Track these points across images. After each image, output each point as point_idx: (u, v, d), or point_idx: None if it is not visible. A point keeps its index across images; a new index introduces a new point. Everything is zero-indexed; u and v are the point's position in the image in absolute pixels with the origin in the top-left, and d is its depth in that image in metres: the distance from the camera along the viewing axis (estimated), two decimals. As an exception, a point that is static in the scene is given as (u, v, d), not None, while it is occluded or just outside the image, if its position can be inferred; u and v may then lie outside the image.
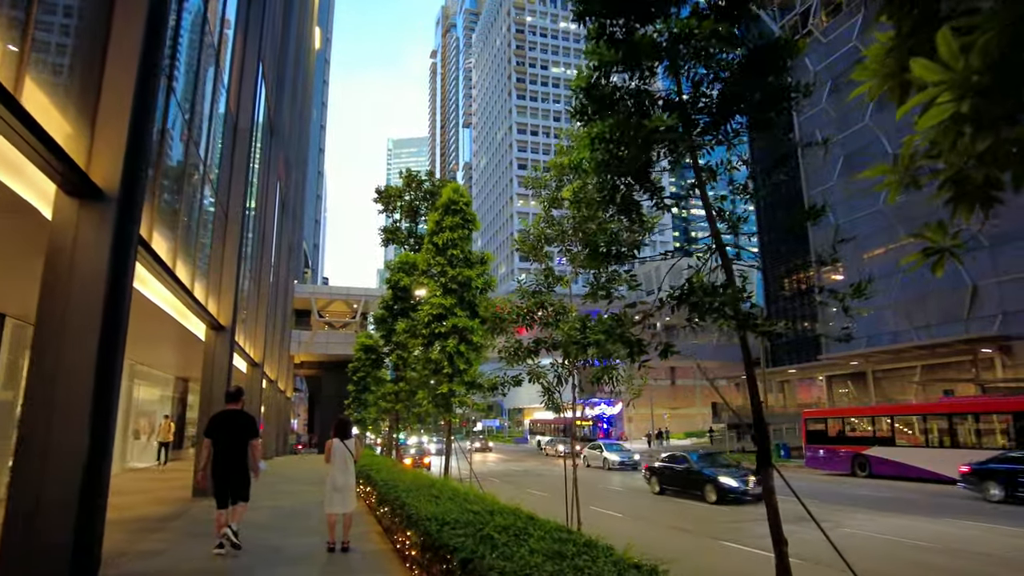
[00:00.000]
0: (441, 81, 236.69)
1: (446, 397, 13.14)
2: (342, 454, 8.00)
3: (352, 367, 35.29)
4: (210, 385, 13.45)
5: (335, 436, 8.16)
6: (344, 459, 8.03)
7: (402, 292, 19.77)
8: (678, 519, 14.63)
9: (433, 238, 14.49)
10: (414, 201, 33.86)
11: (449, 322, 13.13)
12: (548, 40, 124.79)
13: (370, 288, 52.39)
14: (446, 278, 13.81)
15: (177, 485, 14.79)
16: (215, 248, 13.45)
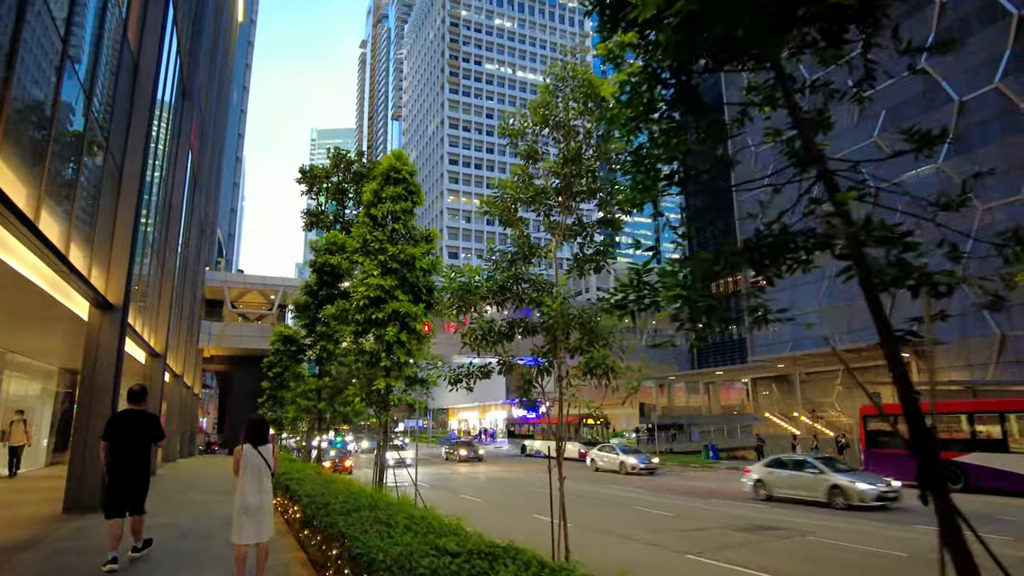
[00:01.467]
0: (370, 72, 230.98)
1: (382, 394, 11.33)
2: (256, 465, 6.09)
3: (268, 362, 32.50)
4: (92, 377, 11.10)
5: (246, 441, 6.20)
6: (258, 472, 6.12)
7: (329, 276, 17.68)
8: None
9: (370, 210, 12.63)
10: (342, 183, 31.60)
11: (389, 307, 11.32)
12: (483, 36, 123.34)
13: (288, 278, 49.16)
14: (385, 255, 11.98)
15: (43, 498, 12.23)
16: (104, 209, 11.09)
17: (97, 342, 11.21)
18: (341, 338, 12.72)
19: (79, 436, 10.86)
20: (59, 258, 8.18)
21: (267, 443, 6.19)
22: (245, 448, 6.11)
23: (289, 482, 10.19)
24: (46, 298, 10.17)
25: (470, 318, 6.97)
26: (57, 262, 8.26)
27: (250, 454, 6.10)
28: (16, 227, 6.96)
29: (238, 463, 6.07)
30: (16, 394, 19.59)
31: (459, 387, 7.06)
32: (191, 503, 12.26)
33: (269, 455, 6.18)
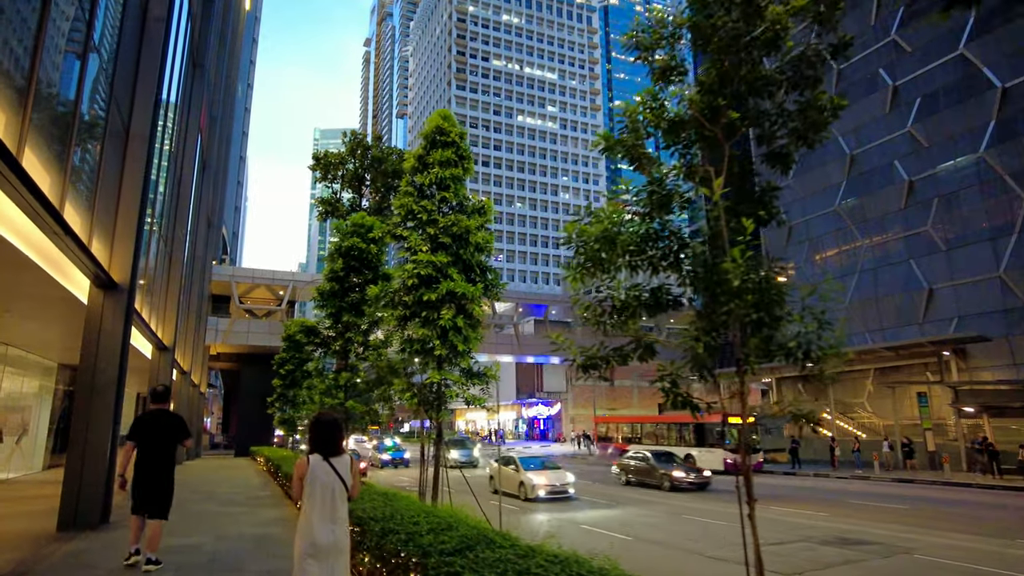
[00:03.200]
0: (375, 71, 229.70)
1: (436, 389, 9.60)
2: (327, 486, 4.22)
3: (279, 358, 30.78)
4: (92, 370, 9.37)
5: (314, 450, 4.35)
6: (331, 496, 4.22)
7: (356, 261, 15.94)
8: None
9: (415, 178, 10.91)
10: (359, 169, 29.88)
11: (443, 286, 9.59)
12: (490, 32, 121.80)
13: (298, 273, 47.48)
14: (435, 228, 10.26)
15: (36, 510, 10.51)
16: (107, 171, 9.37)
17: (99, 328, 9.49)
18: (383, 323, 10.93)
19: (76, 440, 9.14)
20: (49, 212, 6.45)
21: (342, 453, 4.40)
22: (312, 461, 4.25)
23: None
24: (38, 274, 8.46)
25: (592, 287, 5.28)
26: (47, 218, 6.53)
27: (320, 470, 4.22)
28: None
29: (301, 483, 4.23)
30: (11, 391, 17.89)
31: (589, 377, 5.34)
32: (211, 517, 10.53)
33: (347, 471, 4.31)
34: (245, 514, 10.78)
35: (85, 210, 8.48)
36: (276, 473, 17.40)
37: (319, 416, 4.45)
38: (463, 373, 9.79)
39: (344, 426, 15.82)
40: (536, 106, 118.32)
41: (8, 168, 5.21)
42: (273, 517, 10.47)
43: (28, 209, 6.19)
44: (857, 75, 44.27)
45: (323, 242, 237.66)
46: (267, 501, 12.70)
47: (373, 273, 16.33)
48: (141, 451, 6.94)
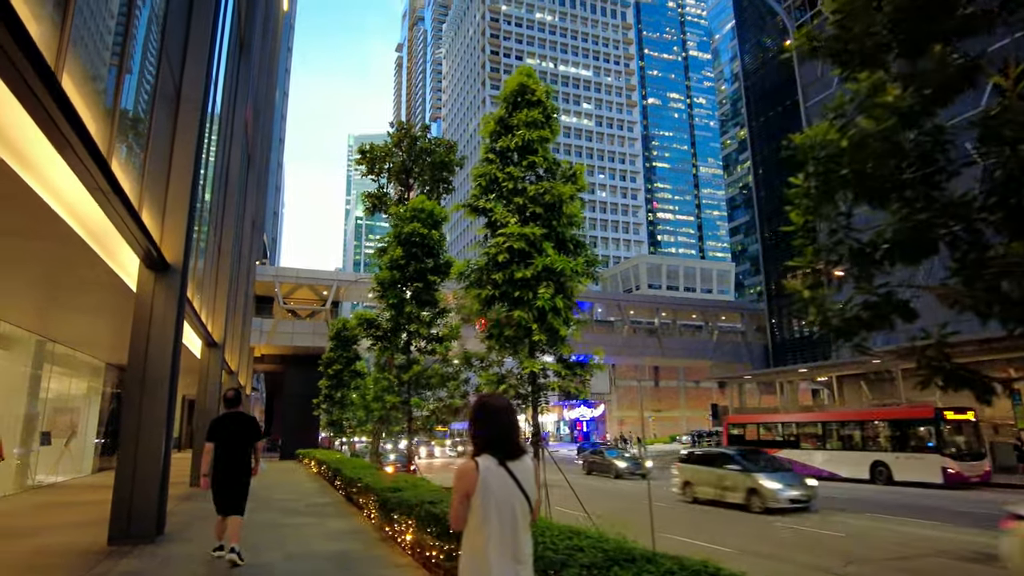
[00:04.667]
0: (407, 75, 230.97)
1: (533, 380, 8.24)
2: (505, 504, 2.74)
3: (326, 358, 29.86)
4: (142, 363, 8.24)
5: (484, 450, 2.83)
6: (512, 518, 2.72)
7: (418, 248, 14.72)
8: None
9: (496, 143, 9.59)
10: (406, 161, 28.82)
11: (538, 262, 8.24)
12: (524, 30, 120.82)
13: (341, 273, 46.81)
14: (524, 198, 8.91)
15: (84, 520, 9.45)
16: (158, 132, 8.25)
17: (149, 315, 8.36)
18: (466, 307, 9.59)
19: (127, 444, 8.01)
20: (94, 157, 5.25)
21: (524, 454, 2.95)
22: (483, 468, 2.76)
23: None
24: (84, 253, 7.37)
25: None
26: (95, 170, 5.36)
27: (496, 482, 2.74)
28: (64, 135, 4.22)
29: (467, 501, 2.74)
30: (59, 392, 17.15)
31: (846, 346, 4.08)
32: (274, 529, 9.33)
33: (531, 481, 2.83)
34: (311, 526, 9.56)
35: (134, 175, 7.35)
36: (333, 479, 16.28)
37: (487, 400, 2.96)
38: (562, 362, 8.40)
39: (408, 426, 14.61)
40: (571, 104, 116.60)
41: (44, 86, 4.00)
42: (343, 529, 9.24)
43: (70, 154, 5.01)
44: (922, 54, 41.66)
45: (359, 246, 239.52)
46: (330, 510, 11.50)
47: (434, 260, 15.11)
48: (219, 452, 7.20)
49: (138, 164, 7.60)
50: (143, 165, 7.78)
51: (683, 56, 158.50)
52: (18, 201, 5.88)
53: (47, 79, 4.05)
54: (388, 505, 7.92)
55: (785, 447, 28.31)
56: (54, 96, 4.16)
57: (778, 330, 56.97)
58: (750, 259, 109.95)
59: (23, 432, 14.13)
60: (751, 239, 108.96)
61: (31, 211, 6.03)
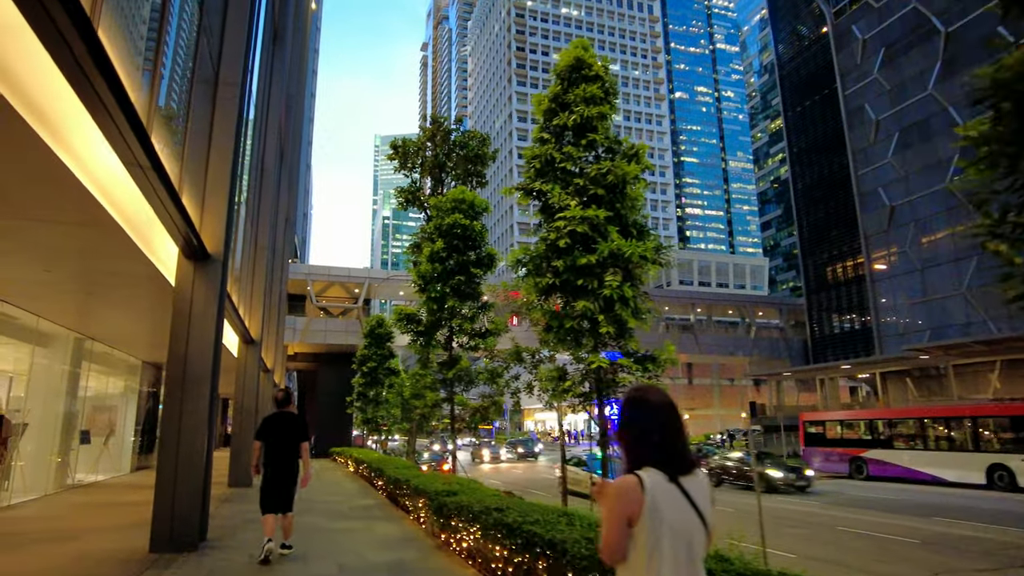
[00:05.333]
0: (432, 74, 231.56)
1: (598, 376, 7.57)
2: (684, 534, 2.06)
3: (360, 355, 29.56)
4: (182, 359, 7.75)
5: (646, 461, 2.11)
6: (687, 547, 2.03)
7: (460, 240, 14.15)
8: None
9: (551, 122, 8.93)
10: (439, 155, 28.31)
11: (602, 247, 7.57)
12: (549, 25, 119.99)
13: (373, 270, 46.61)
14: (584, 179, 8.25)
15: (124, 522, 9.05)
16: (197, 114, 7.77)
17: (189, 309, 7.89)
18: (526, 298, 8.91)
19: (167, 446, 7.51)
20: (136, 131, 4.74)
21: (696, 468, 2.27)
22: (650, 486, 2.06)
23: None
24: (120, 241, 6.91)
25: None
26: (133, 141, 4.84)
27: (667, 504, 2.06)
28: (112, 117, 3.73)
29: (627, 527, 2.04)
30: (98, 390, 16.97)
31: None
32: (321, 535, 8.80)
33: (707, 501, 2.14)
34: (360, 531, 9.02)
35: (174, 155, 6.86)
36: (372, 479, 15.80)
37: (643, 395, 2.23)
38: (630, 356, 7.72)
39: (452, 425, 14.05)
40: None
41: (76, 31, 3.46)
42: (395, 536, 8.68)
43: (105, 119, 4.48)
44: (970, 34, 39.93)
45: (386, 246, 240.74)
46: (376, 512, 10.97)
47: (476, 253, 14.54)
48: (268, 450, 7.30)
49: (177, 144, 7.12)
50: (183, 146, 7.30)
51: (710, 49, 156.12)
52: (52, 181, 5.42)
53: (81, 25, 3.50)
54: (445, 510, 7.33)
55: (873, 447, 26.03)
56: (88, 46, 3.61)
57: (817, 325, 55.37)
58: (783, 254, 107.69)
59: (63, 430, 13.91)
60: (784, 233, 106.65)
61: (64, 190, 5.55)
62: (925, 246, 43.79)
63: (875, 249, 47.70)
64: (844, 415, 31.34)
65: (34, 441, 13.00)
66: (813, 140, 58.35)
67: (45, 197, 6.06)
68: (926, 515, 14.51)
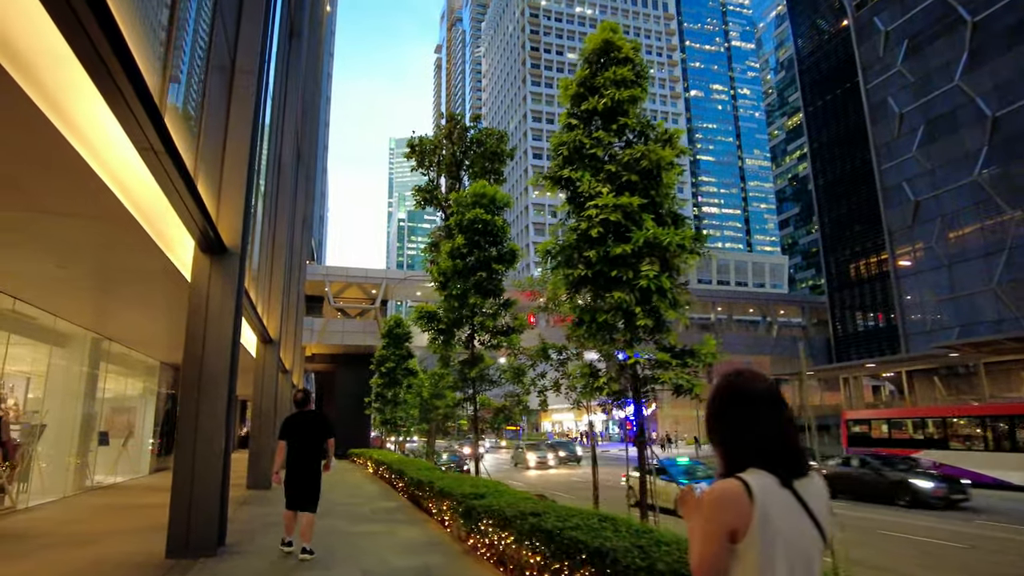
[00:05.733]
0: (447, 76, 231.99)
1: (634, 373, 7.16)
2: (802, 551, 1.66)
3: (379, 356, 29.33)
4: (199, 357, 7.44)
5: (749, 463, 1.71)
6: (809, 564, 1.64)
7: (481, 235, 13.80)
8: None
9: (579, 107, 8.54)
10: (456, 153, 28.03)
11: (637, 236, 7.15)
12: (564, 25, 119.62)
13: (390, 271, 46.45)
14: (617, 165, 7.84)
15: (142, 526, 8.77)
16: (213, 101, 7.48)
17: (205, 304, 7.58)
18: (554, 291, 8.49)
19: (183, 448, 7.20)
20: (149, 113, 4.43)
21: (809, 471, 1.86)
22: (759, 491, 1.64)
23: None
24: (133, 233, 6.64)
25: None
26: (146, 122, 4.53)
27: (780, 513, 1.64)
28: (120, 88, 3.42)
29: (728, 541, 1.63)
30: (116, 391, 16.83)
31: None
32: (343, 539, 8.46)
33: (824, 510, 1.71)
34: (383, 535, 8.67)
35: (188, 140, 6.56)
36: (393, 480, 15.49)
37: (740, 383, 1.79)
38: (668, 351, 7.28)
39: (475, 425, 13.68)
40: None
41: (93, 16, 3.14)
42: (418, 539, 8.32)
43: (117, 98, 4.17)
44: (997, 24, 38.93)
45: (402, 248, 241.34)
46: (399, 515, 10.63)
47: (498, 249, 14.17)
48: (291, 449, 7.28)
49: (193, 134, 6.82)
50: (198, 136, 7.00)
51: (725, 47, 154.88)
52: (63, 169, 5.14)
53: (96, 5, 3.18)
54: (473, 514, 6.95)
55: (926, 447, 24.64)
56: (104, 27, 3.29)
57: (840, 323, 54.39)
58: (801, 252, 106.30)
59: (81, 432, 13.74)
60: (802, 231, 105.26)
61: (76, 179, 5.28)
62: (952, 241, 42.75)
63: (900, 245, 46.68)
64: (893, 414, 30.06)
65: (52, 443, 12.83)
66: (834, 135, 57.37)
67: (57, 186, 5.78)
68: None
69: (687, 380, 7.08)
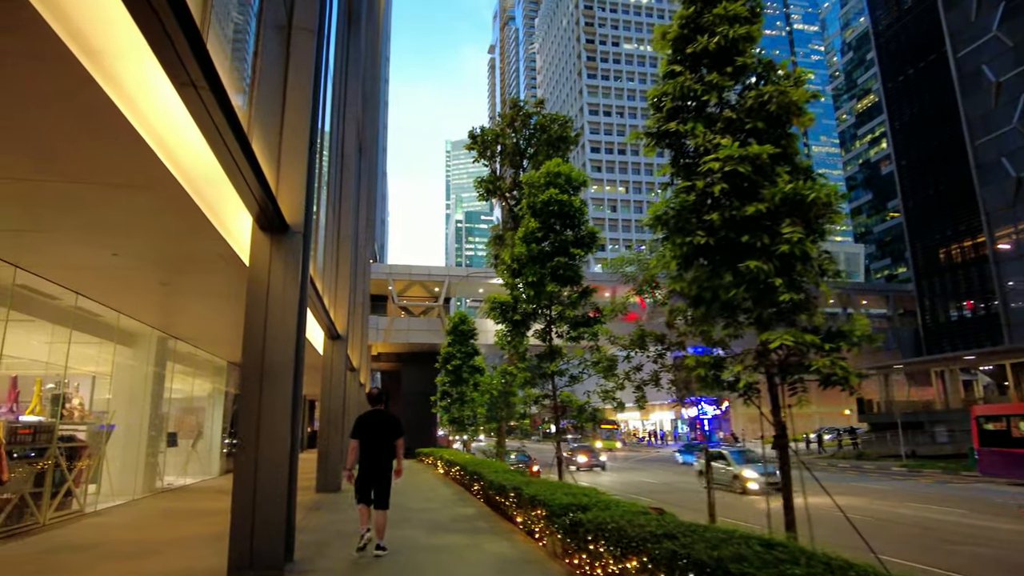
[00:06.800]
0: (501, 75, 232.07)
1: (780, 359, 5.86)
2: None
3: (444, 353, 28.61)
4: (260, 348, 6.55)
5: None
6: None
7: (557, 218, 12.65)
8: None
9: (684, 50, 7.27)
10: (519, 142, 26.93)
11: (771, 193, 5.86)
12: (619, 15, 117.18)
13: (452, 268, 45.88)
14: (738, 111, 6.55)
15: (206, 533, 8.00)
16: (269, 68, 6.60)
17: (267, 287, 6.70)
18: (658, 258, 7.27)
19: (245, 451, 6.30)
20: (200, 60, 3.51)
21: None
22: None
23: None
24: (184, 209, 5.82)
25: None
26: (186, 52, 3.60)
27: None
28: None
29: None
30: (184, 391, 16.52)
31: None
32: (423, 555, 7.45)
33: None
34: (467, 549, 7.62)
35: (242, 100, 5.67)
36: (465, 481, 14.54)
37: None
38: (815, 333, 5.92)
39: (557, 427, 12.53)
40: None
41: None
42: (510, 556, 7.22)
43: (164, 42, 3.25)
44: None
45: (460, 249, 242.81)
46: (481, 525, 9.58)
47: (575, 232, 13.00)
48: (363, 448, 7.43)
49: (246, 89, 5.93)
50: (251, 94, 6.11)
51: (787, 31, 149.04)
52: (106, 130, 4.34)
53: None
54: (580, 531, 5.80)
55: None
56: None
57: (930, 314, 50.55)
58: (875, 241, 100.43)
59: (149, 433, 13.34)
60: (875, 219, 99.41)
61: (121, 142, 4.49)
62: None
63: (999, 226, 42.91)
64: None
65: (121, 444, 12.44)
66: (918, 111, 53.43)
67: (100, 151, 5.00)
68: None
69: (840, 368, 5.71)
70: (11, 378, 8.97)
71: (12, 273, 8.25)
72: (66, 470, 9.77)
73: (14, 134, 4.85)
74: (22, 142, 4.96)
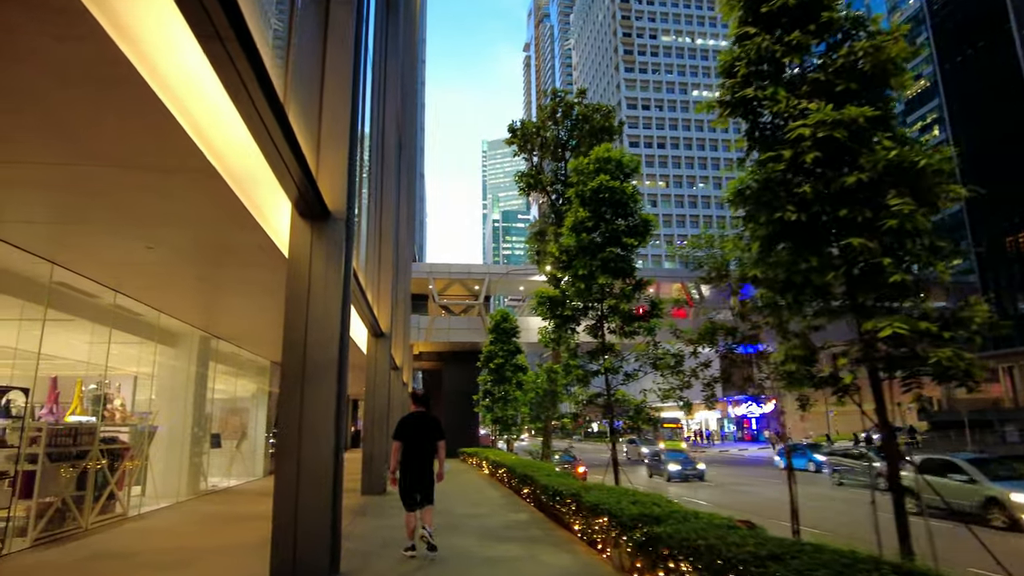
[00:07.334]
0: (536, 73, 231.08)
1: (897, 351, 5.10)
2: None
3: (487, 352, 28.12)
4: (301, 343, 6.07)
5: None
6: None
7: (608, 206, 11.97)
8: None
9: (759, 9, 6.51)
10: (561, 133, 26.27)
11: (871, 160, 5.10)
12: (656, 7, 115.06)
13: (492, 266, 45.43)
14: (826, 72, 5.79)
15: (250, 542, 7.57)
16: (305, 38, 6.12)
17: (308, 278, 6.22)
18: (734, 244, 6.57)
19: (285, 455, 5.83)
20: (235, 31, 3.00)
21: None
22: None
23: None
24: (220, 195, 5.38)
25: None
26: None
27: None
28: None
29: None
30: (227, 392, 16.36)
31: None
32: (477, 567, 6.87)
33: None
34: (524, 561, 7.01)
35: (279, 76, 5.19)
36: (512, 483, 13.98)
37: None
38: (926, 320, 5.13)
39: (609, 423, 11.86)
40: (712, 78, 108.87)
41: None
42: (572, 570, 6.59)
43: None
44: None
45: (497, 248, 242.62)
46: (536, 532, 8.97)
47: (627, 221, 12.28)
48: (406, 450, 7.42)
49: (279, 62, 5.45)
50: (286, 70, 5.62)
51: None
52: (134, 108, 3.86)
53: None
54: (659, 546, 5.14)
55: None
56: None
57: (996, 306, 47.91)
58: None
59: (193, 434, 13.13)
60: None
61: (145, 116, 4.01)
62: None
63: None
64: None
65: (164, 445, 12.23)
66: (978, 93, 50.72)
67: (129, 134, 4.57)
68: None
69: (965, 360, 4.91)
70: (51, 379, 8.74)
71: (49, 270, 7.99)
72: (108, 472, 9.53)
73: (41, 117, 4.47)
74: (50, 125, 4.58)
